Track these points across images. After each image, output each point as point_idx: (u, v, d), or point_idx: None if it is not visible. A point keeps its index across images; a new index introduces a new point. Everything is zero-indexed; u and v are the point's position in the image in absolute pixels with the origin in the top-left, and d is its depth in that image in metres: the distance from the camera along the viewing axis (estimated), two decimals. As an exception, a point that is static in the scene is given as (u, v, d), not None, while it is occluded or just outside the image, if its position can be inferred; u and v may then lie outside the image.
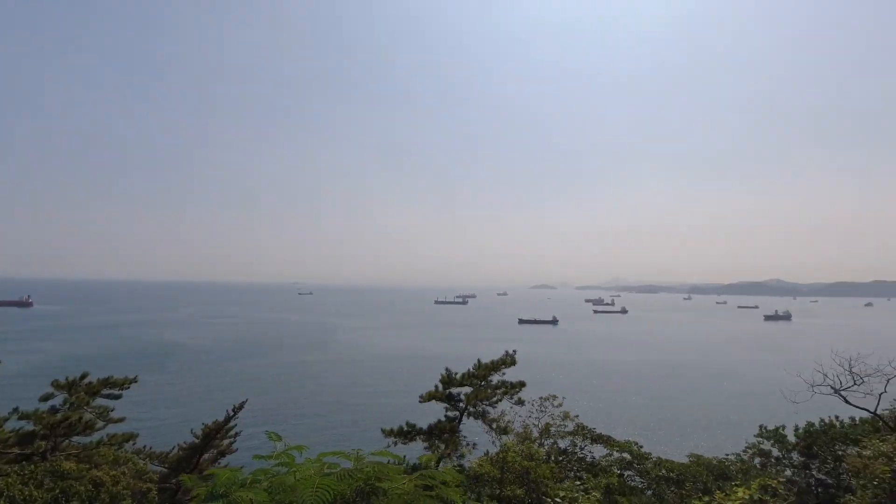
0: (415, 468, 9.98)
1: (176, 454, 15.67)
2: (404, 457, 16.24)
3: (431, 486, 4.20)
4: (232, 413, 15.49)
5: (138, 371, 18.38)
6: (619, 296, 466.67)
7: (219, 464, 16.23)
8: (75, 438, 13.50)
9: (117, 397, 15.14)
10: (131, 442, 14.77)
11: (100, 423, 14.07)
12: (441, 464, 15.71)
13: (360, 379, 67.92)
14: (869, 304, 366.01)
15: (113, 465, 11.56)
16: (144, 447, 15.71)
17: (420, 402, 17.85)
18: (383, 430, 17.10)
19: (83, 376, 14.49)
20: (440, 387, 17.70)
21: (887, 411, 17.17)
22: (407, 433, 16.78)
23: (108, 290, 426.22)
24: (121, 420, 14.99)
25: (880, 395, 16.64)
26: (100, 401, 14.68)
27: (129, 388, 15.34)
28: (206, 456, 15.57)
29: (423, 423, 17.59)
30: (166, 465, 15.36)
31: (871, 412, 16.80)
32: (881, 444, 12.39)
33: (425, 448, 16.57)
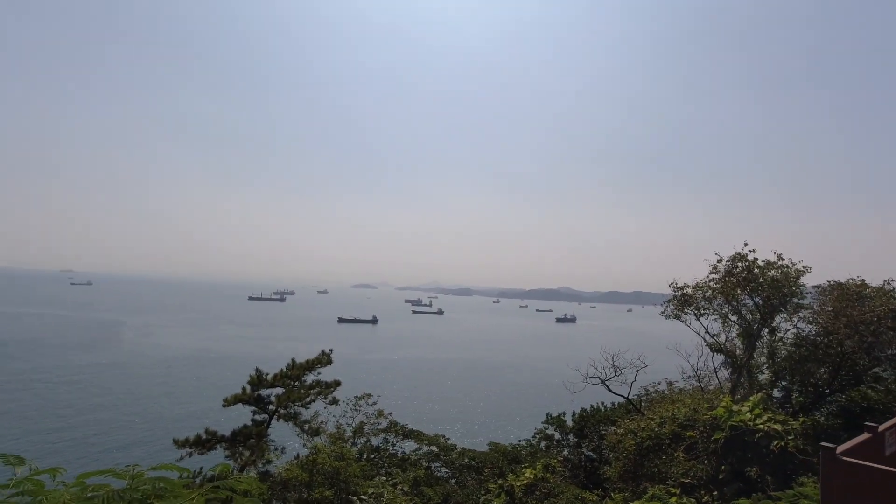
0: (211, 480, 9.03)
1: None
2: (201, 468, 14.60)
3: (229, 499, 3.80)
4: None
5: None
6: (436, 297, 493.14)
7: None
8: None
9: None
10: None
11: None
12: (245, 472, 14.56)
13: (153, 385, 59.03)
14: (630, 310, 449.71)
15: None
16: None
17: (224, 406, 16.27)
18: (176, 441, 15.10)
19: None
20: (248, 388, 16.35)
21: (636, 396, 21.72)
22: (205, 442, 15.07)
23: None
24: None
25: (631, 384, 21.42)
26: None
27: None
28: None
29: (227, 430, 16.04)
30: None
31: (625, 397, 21.38)
32: (630, 423, 15.46)
33: (227, 457, 15.13)
